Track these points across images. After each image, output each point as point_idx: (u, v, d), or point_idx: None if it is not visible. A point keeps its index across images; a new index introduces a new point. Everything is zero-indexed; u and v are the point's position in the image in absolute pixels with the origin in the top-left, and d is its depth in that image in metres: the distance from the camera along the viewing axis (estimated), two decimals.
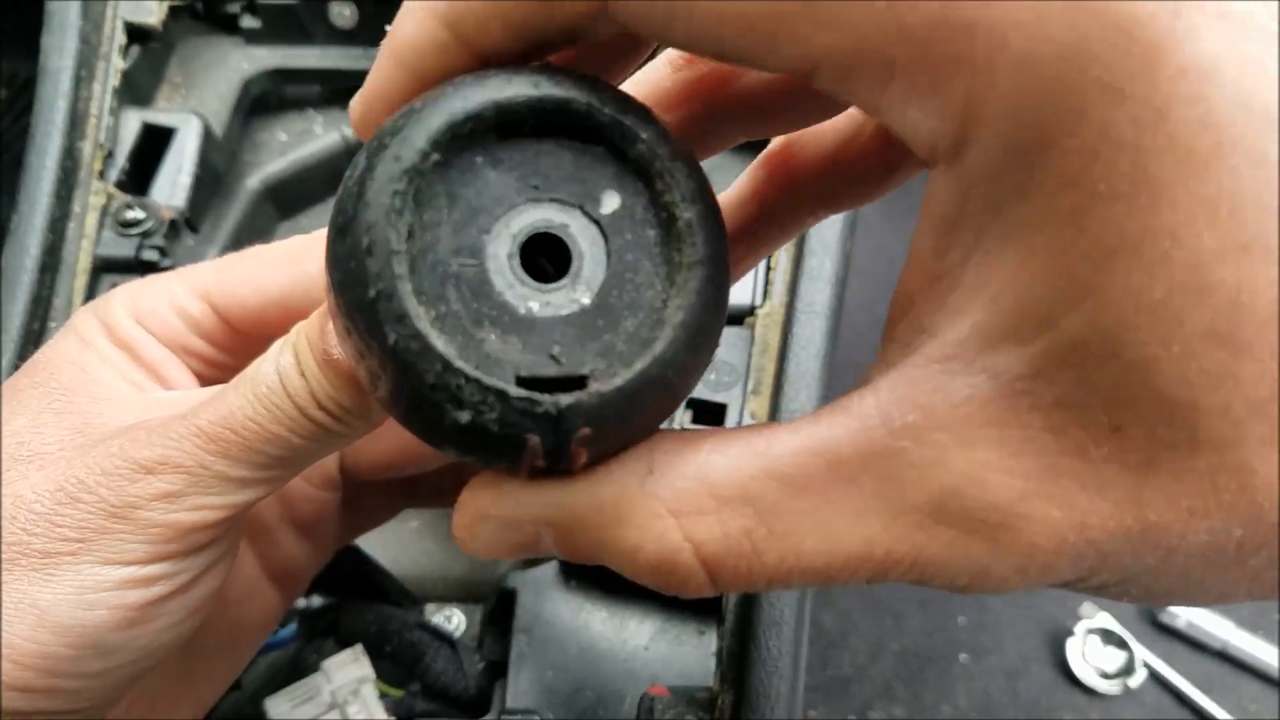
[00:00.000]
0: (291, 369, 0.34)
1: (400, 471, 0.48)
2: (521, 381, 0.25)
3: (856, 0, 0.23)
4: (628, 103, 0.27)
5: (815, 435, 0.26)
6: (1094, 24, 0.21)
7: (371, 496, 0.51)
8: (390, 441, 0.45)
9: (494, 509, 0.29)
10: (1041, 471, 0.24)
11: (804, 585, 0.27)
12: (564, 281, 0.26)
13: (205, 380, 0.42)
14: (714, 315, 0.27)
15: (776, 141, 0.36)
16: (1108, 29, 0.21)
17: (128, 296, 0.41)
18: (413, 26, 0.28)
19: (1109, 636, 1.21)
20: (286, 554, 0.47)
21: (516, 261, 0.26)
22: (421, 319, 0.24)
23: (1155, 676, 1.21)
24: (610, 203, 0.27)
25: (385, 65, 0.29)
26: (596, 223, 0.27)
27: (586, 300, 0.26)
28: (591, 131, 0.26)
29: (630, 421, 0.26)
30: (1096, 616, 1.21)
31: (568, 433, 0.25)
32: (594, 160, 0.27)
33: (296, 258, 0.41)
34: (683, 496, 0.26)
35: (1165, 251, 0.21)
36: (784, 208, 0.37)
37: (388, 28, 0.29)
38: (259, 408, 0.35)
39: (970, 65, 0.22)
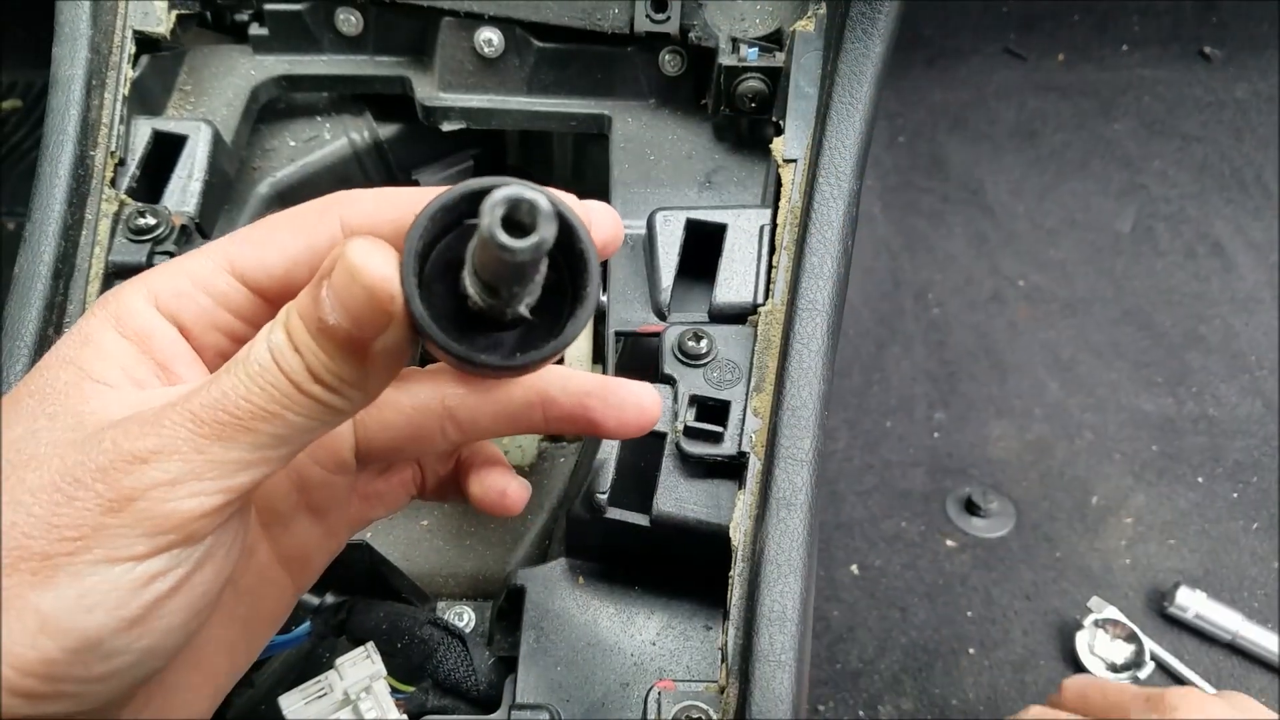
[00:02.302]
0: (284, 345, 0.35)
1: (412, 453, 0.48)
2: None
3: None
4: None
5: None
6: None
7: (383, 482, 0.51)
8: (400, 424, 0.45)
9: None
10: None
11: None
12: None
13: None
14: None
15: None
16: None
17: (144, 284, 0.41)
18: None
19: (1117, 629, 1.21)
20: (300, 539, 0.47)
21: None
22: None
23: (1164, 669, 1.21)
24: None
25: None
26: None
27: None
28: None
29: None
30: (1105, 610, 1.21)
31: None
32: None
33: (314, 219, 0.41)
34: None
35: None
36: None
37: None
38: (252, 387, 0.35)
39: None
